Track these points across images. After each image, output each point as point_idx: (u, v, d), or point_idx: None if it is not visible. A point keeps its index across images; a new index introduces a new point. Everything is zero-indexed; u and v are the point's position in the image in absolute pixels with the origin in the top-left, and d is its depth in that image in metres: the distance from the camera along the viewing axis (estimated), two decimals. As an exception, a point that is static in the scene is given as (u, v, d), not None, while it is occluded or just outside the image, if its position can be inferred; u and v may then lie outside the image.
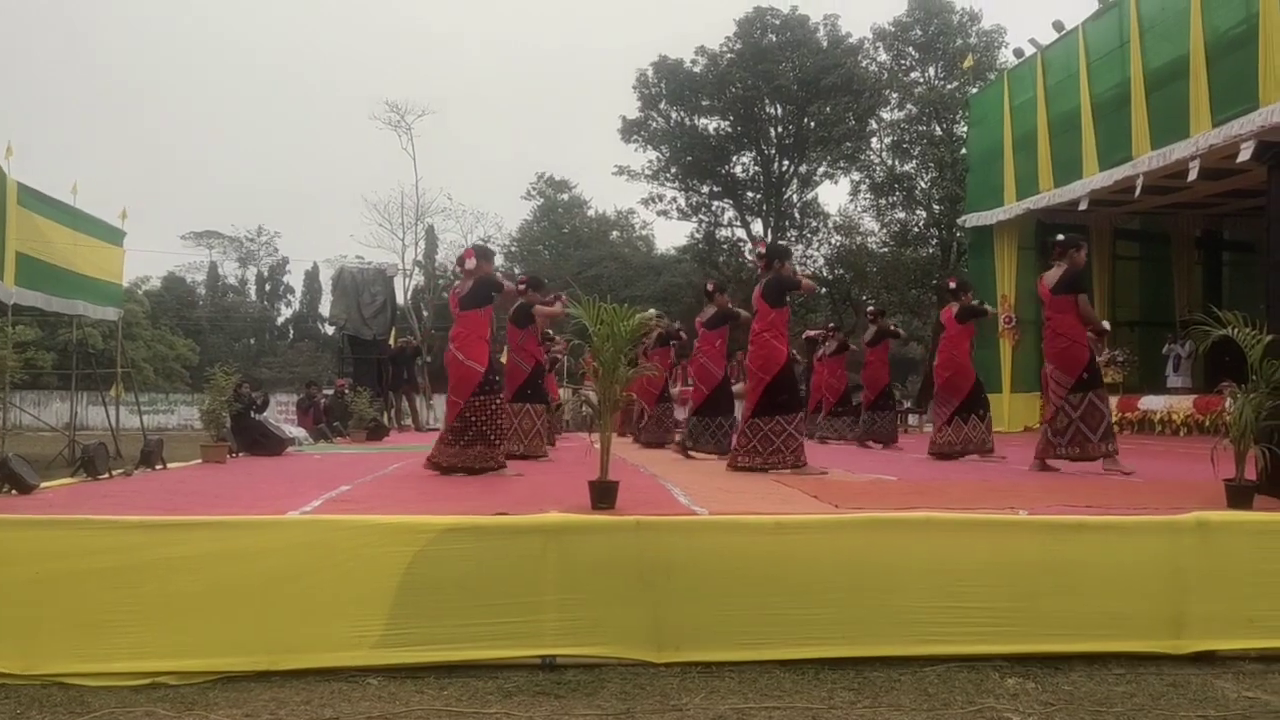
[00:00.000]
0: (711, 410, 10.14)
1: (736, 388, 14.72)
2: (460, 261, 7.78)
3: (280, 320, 65.42)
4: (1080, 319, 7.93)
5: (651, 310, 9.54)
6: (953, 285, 10.41)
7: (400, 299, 32.78)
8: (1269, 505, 5.12)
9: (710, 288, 10.59)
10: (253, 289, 66.60)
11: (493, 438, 7.38)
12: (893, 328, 13.57)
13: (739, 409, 12.03)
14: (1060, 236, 8.34)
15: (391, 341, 20.88)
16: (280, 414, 27.81)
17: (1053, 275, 8.12)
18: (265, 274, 66.20)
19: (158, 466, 7.77)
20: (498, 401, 7.47)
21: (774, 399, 7.82)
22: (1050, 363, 8.09)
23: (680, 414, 17.11)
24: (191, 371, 45.68)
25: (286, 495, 5.77)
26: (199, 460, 8.83)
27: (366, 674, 4.05)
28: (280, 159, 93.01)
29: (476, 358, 7.35)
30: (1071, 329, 7.92)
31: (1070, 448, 7.97)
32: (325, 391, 20.70)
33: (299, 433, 12.94)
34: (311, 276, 61.76)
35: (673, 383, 14.29)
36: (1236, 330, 5.48)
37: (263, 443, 9.98)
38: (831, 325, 15.30)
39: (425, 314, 44.04)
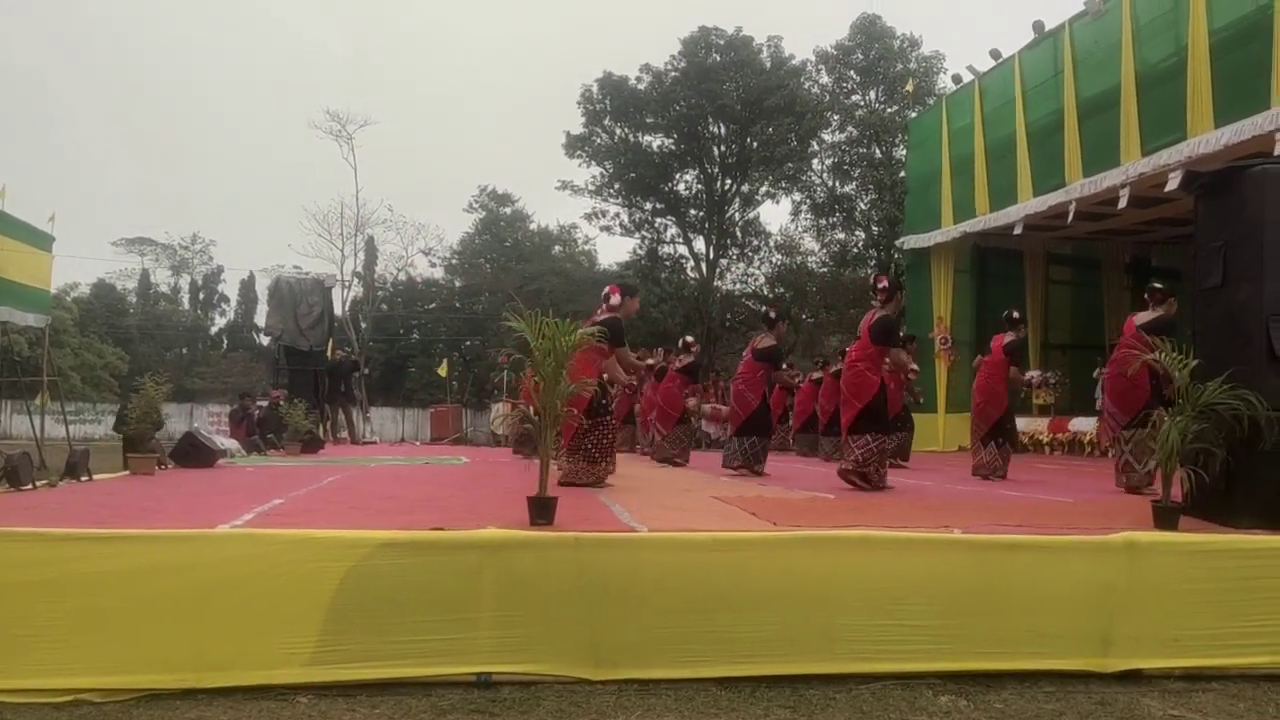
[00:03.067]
0: (748, 431, 10.30)
1: (706, 409, 14.90)
2: (606, 297, 8.18)
3: (214, 330, 64.27)
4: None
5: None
6: (1015, 315, 10.65)
7: (338, 310, 32.46)
8: (1194, 526, 5.25)
9: (773, 315, 10.70)
10: (186, 297, 65.38)
11: (596, 455, 7.82)
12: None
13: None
14: (1158, 285, 8.71)
15: (329, 353, 20.64)
16: (212, 425, 27.34)
17: (1144, 316, 8.47)
18: (199, 282, 65.01)
19: (84, 478, 7.58)
20: (605, 421, 7.91)
21: (866, 422, 8.24)
22: (1108, 396, 8.41)
23: (710, 429, 17.42)
24: (120, 381, 44.71)
25: (217, 508, 5.67)
26: (126, 472, 8.63)
27: (297, 692, 3.98)
28: (217, 165, 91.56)
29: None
30: (1138, 372, 8.14)
31: (1118, 475, 8.45)
32: (259, 403, 20.36)
33: (231, 444, 12.67)
34: (247, 286, 60.82)
35: (701, 401, 14.49)
36: (1164, 355, 5.62)
37: (193, 455, 9.78)
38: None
39: (364, 325, 43.64)
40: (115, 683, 3.93)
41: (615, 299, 8.10)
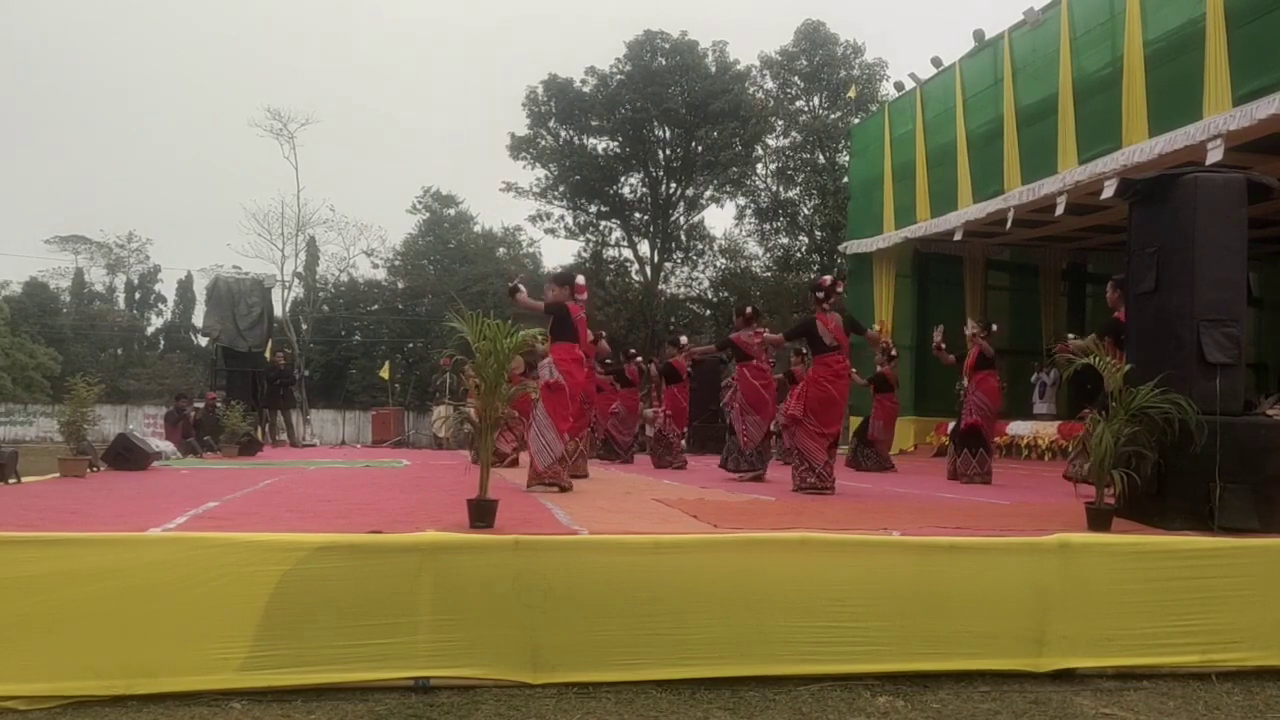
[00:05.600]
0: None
1: (648, 413, 14.94)
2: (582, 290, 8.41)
3: (150, 330, 63.00)
4: None
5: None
6: (994, 327, 11.00)
7: (278, 311, 32.02)
8: (1126, 528, 5.35)
9: (749, 310, 10.63)
10: (121, 297, 64.03)
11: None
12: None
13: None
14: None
15: (267, 354, 20.35)
16: (148, 427, 26.83)
17: None
18: (135, 282, 63.65)
19: (11, 480, 7.41)
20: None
21: None
22: None
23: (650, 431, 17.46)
24: (53, 382, 43.67)
25: (149, 512, 5.55)
26: (57, 474, 8.43)
27: (230, 698, 3.91)
28: (154, 163, 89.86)
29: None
30: None
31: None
32: (196, 404, 20.01)
33: (166, 447, 12.43)
34: (185, 285, 59.70)
35: (645, 405, 14.55)
36: (1098, 359, 5.72)
37: (127, 457, 9.58)
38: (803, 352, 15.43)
39: (305, 327, 43.09)
40: (40, 689, 3.84)
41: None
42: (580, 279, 8.45)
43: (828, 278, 8.98)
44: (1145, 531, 5.27)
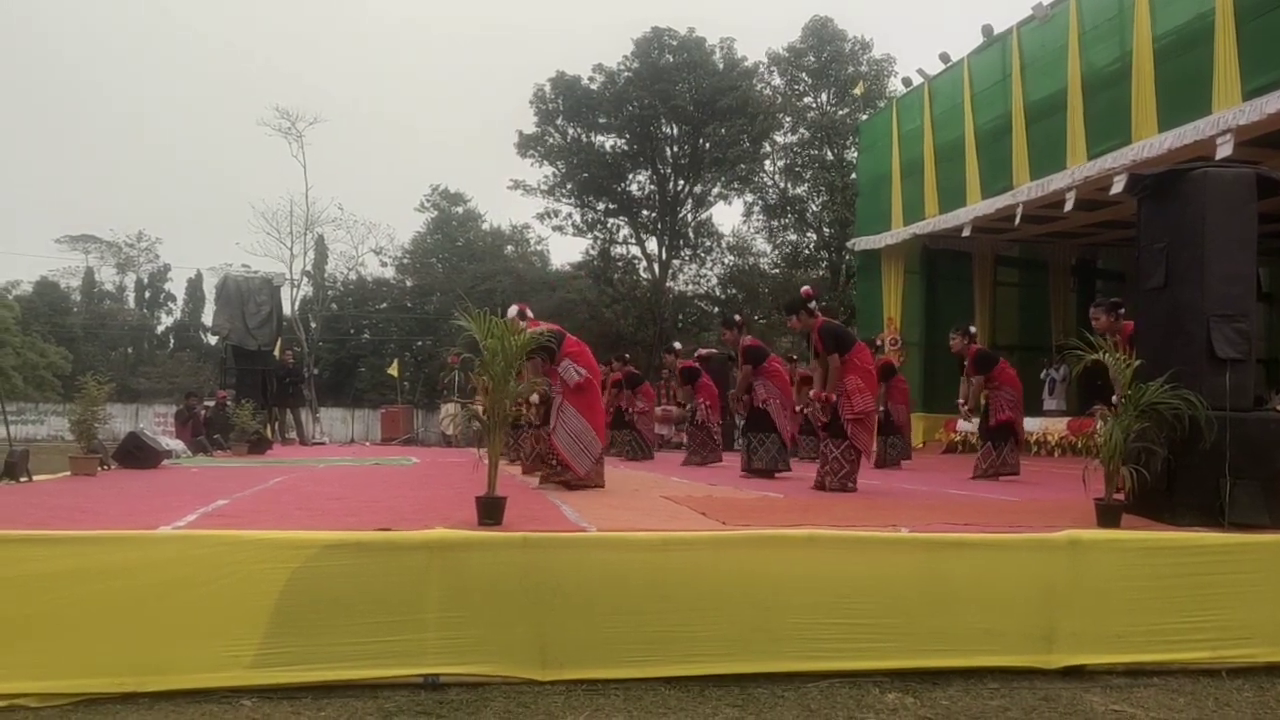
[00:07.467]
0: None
1: (656, 411, 14.97)
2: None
3: (160, 329, 63.23)
4: None
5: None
6: (973, 329, 11.03)
7: (287, 310, 32.10)
8: (1136, 524, 5.33)
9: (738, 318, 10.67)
10: (131, 296, 64.27)
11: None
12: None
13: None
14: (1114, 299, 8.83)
15: (276, 353, 20.42)
16: (158, 426, 26.91)
17: None
18: (145, 281, 63.90)
19: (22, 479, 7.43)
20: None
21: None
22: None
23: (662, 430, 17.33)
24: (64, 381, 43.85)
25: (160, 510, 5.56)
26: (68, 473, 8.47)
27: (240, 695, 3.92)
28: (163, 161, 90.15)
29: None
30: None
31: None
32: (206, 403, 20.08)
33: (177, 445, 12.47)
34: (194, 284, 59.95)
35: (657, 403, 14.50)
36: (1107, 355, 5.71)
37: (137, 456, 9.62)
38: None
39: (314, 325, 43.17)
40: (52, 687, 3.85)
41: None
42: (511, 311, 8.16)
43: (807, 288, 8.98)
44: (1155, 528, 5.25)
